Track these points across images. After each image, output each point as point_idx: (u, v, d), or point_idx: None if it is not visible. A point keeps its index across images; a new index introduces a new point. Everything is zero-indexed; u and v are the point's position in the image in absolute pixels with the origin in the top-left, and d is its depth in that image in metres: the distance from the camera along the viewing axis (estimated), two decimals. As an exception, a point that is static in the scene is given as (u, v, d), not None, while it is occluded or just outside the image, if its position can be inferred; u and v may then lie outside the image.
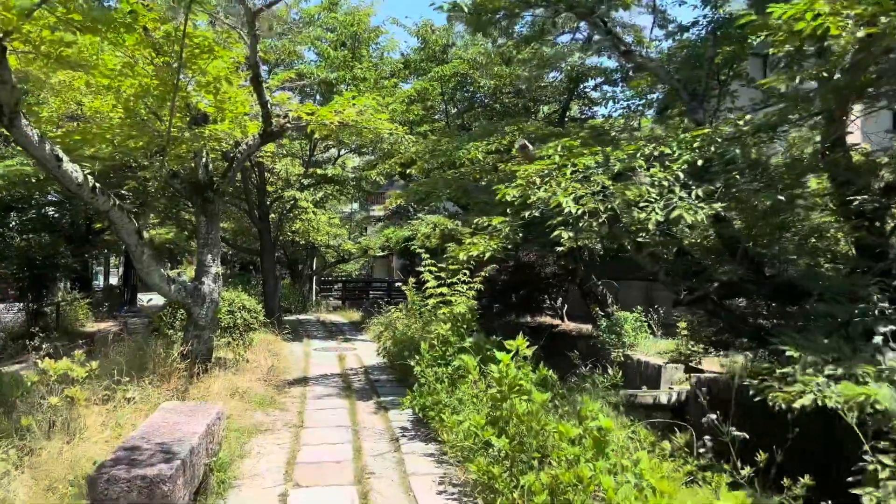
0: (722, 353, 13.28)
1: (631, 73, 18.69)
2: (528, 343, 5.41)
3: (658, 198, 6.18)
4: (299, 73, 14.16)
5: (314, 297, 29.49)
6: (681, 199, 6.07)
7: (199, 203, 8.92)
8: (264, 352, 12.58)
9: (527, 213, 6.67)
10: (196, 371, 8.58)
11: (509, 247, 7.31)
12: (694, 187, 6.27)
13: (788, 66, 6.62)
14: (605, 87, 19.05)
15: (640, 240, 6.34)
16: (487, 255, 7.18)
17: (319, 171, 15.13)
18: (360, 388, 10.08)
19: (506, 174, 9.90)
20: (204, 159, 8.95)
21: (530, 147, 7.76)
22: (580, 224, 5.97)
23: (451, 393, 6.73)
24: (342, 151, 18.36)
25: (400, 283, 33.49)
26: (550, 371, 5.76)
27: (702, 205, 5.91)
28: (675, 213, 5.83)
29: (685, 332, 15.56)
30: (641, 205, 6.13)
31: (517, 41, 12.80)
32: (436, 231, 17.56)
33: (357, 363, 12.79)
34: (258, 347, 12.82)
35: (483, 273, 13.00)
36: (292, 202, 18.49)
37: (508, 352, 5.26)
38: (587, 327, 22.51)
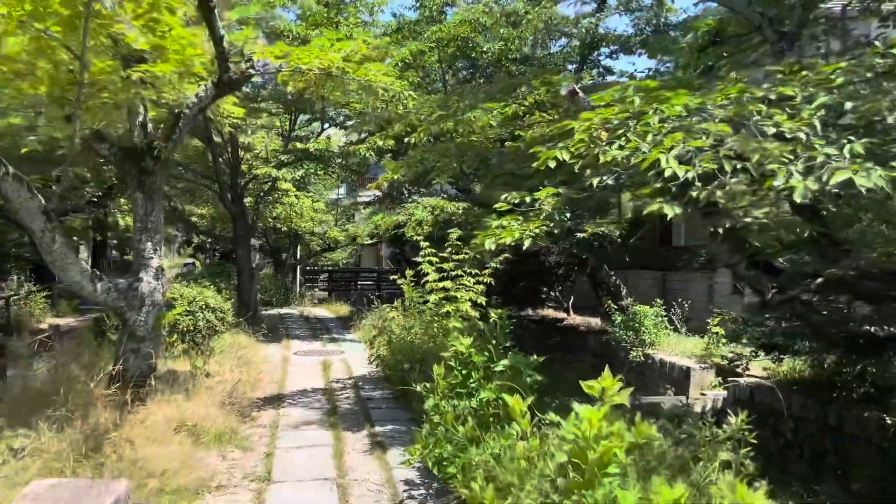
0: (776, 356, 11.31)
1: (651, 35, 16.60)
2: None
3: (791, 158, 4.07)
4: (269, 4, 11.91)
5: (298, 289, 27.30)
6: (828, 156, 3.97)
7: (135, 175, 6.73)
8: (232, 360, 10.42)
9: (595, 181, 4.54)
10: (130, 398, 6.45)
11: (555, 231, 5.19)
12: (845, 141, 4.16)
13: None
14: (622, 56, 16.95)
15: (753, 219, 4.22)
16: (527, 243, 5.06)
17: (300, 146, 12.94)
18: (348, 411, 7.95)
19: (535, 140, 7.77)
20: (141, 117, 6.75)
21: (581, 94, 5.63)
22: (693, 192, 3.85)
23: (481, 441, 4.63)
24: (326, 126, 16.15)
25: (392, 274, 31.38)
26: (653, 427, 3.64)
27: (874, 166, 3.81)
28: (836, 178, 3.72)
29: (718, 330, 13.61)
30: (769, 166, 4.03)
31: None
32: (434, 215, 15.43)
33: (345, 372, 10.67)
34: (226, 354, 10.66)
35: (493, 264, 10.91)
36: (270, 182, 16.26)
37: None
38: (595, 321, 20.50)
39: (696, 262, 17.71)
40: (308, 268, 30.85)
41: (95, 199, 24.73)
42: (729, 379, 12.19)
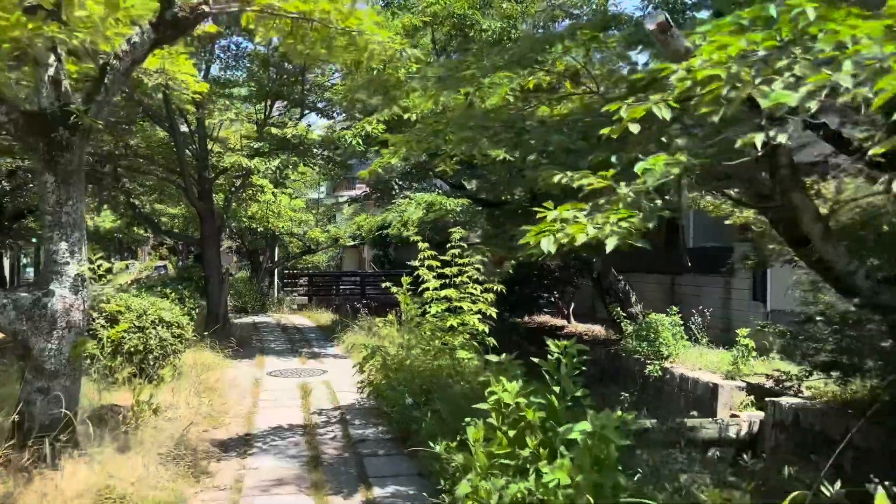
0: (841, 378, 9.70)
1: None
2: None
3: None
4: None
5: (276, 294, 25.36)
6: None
7: (44, 150, 4.89)
8: (192, 385, 8.56)
9: (758, 138, 2.79)
10: (32, 459, 4.62)
11: (649, 224, 3.45)
12: None
13: None
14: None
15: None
16: (611, 243, 3.31)
17: (275, 131, 11.11)
18: (335, 461, 6.12)
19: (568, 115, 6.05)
20: (51, 70, 4.91)
21: (675, 28, 3.90)
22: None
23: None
24: (306, 112, 14.29)
25: (376, 278, 29.50)
26: None
27: None
28: None
29: (747, 342, 12.02)
30: None
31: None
32: (430, 212, 13.67)
33: (328, 399, 8.83)
34: (184, 379, 8.81)
35: (505, 270, 9.20)
36: (242, 176, 14.38)
37: None
38: (597, 329, 18.87)
39: (709, 265, 16.26)
40: (287, 271, 28.93)
41: None
42: (767, 400, 10.58)
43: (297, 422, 7.52)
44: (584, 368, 4.14)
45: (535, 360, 4.07)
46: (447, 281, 8.98)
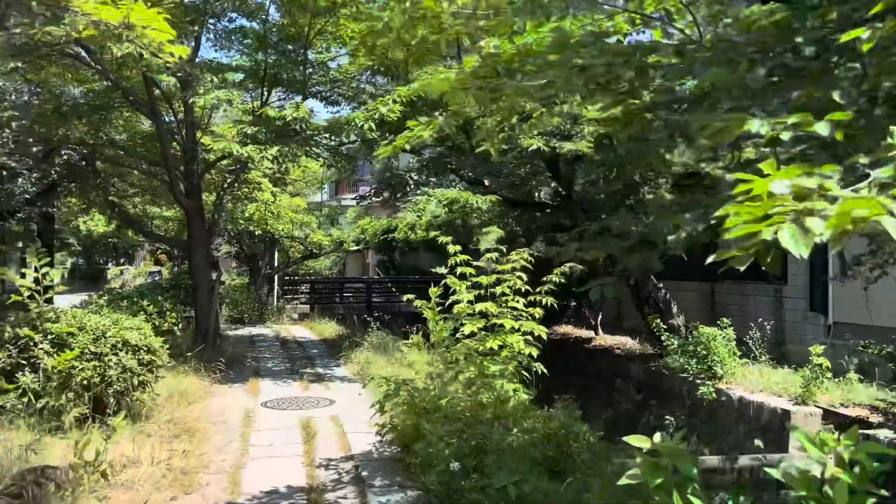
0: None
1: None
2: None
3: None
4: None
5: (276, 302, 23.49)
6: None
7: None
8: (164, 426, 6.73)
9: None
10: None
11: None
12: None
13: None
14: None
15: None
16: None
17: (273, 113, 9.26)
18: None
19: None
20: None
21: None
22: None
23: None
24: (308, 98, 12.43)
25: (380, 284, 27.57)
26: None
27: None
28: None
29: (822, 361, 10.19)
30: None
31: None
32: (450, 210, 11.84)
33: (339, 444, 6.95)
34: (157, 415, 6.97)
35: (555, 275, 7.41)
36: (236, 169, 12.55)
37: None
38: (627, 341, 17.02)
39: (752, 270, 14.39)
40: (287, 277, 27.08)
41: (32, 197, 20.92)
42: (853, 427, 8.65)
43: (298, 481, 5.65)
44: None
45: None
46: (482, 292, 7.18)
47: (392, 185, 13.63)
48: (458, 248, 7.55)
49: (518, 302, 7.14)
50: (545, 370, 6.76)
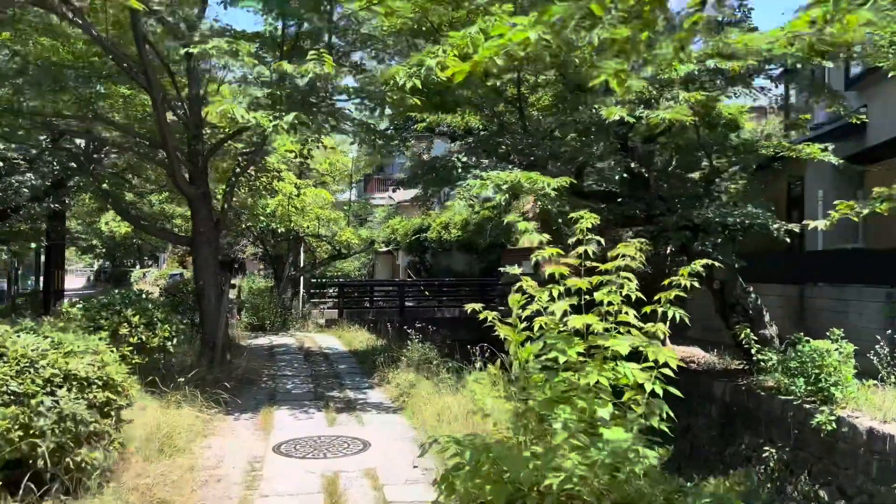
0: None
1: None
2: None
3: None
4: None
5: (301, 307, 21.39)
6: None
7: None
8: (129, 494, 4.55)
9: None
10: None
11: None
12: None
13: None
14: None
15: None
16: None
17: (289, 68, 7.02)
18: None
19: None
20: None
21: None
22: None
23: None
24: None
25: (412, 287, 25.25)
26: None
27: None
28: None
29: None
30: None
31: None
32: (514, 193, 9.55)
33: (378, 524, 4.71)
34: (124, 473, 4.79)
35: (684, 277, 5.04)
36: (250, 151, 10.42)
37: None
38: (696, 352, 14.59)
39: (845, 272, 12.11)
40: (314, 280, 25.01)
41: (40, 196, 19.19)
42: None
43: None
44: None
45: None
46: (577, 301, 4.88)
47: (435, 168, 11.36)
48: (545, 237, 5.24)
49: (629, 315, 4.83)
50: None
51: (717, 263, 4.67)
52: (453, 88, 10.82)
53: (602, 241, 5.31)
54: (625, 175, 10.17)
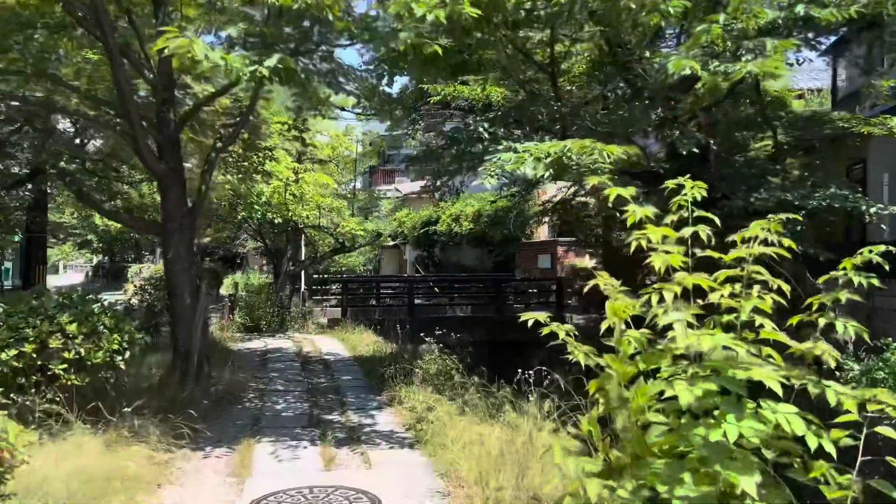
0: None
1: None
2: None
3: None
4: None
5: (301, 304, 19.52)
6: None
7: None
8: None
9: None
10: None
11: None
12: None
13: None
14: None
15: None
16: None
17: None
18: None
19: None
20: None
21: None
22: None
23: None
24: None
25: (421, 283, 23.28)
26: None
27: None
28: None
29: None
30: None
31: None
32: (563, 168, 7.67)
33: None
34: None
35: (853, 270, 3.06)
36: (233, 123, 8.59)
37: None
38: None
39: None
40: (316, 276, 23.13)
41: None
42: None
43: None
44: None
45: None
46: (700, 307, 3.04)
47: (456, 140, 9.46)
48: (651, 210, 3.34)
49: (773, 330, 2.96)
50: None
51: (786, 254, 2.91)
52: (476, 46, 8.94)
53: (716, 219, 3.43)
54: (687, 150, 8.25)
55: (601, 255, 18.48)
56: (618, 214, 6.63)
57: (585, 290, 3.66)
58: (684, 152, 7.94)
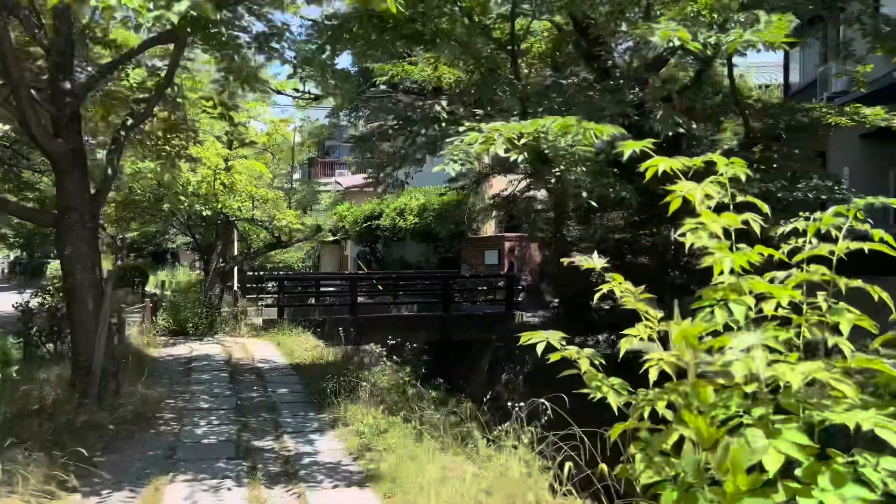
0: None
1: None
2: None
3: None
4: None
5: (235, 304, 18.04)
6: None
7: None
8: None
9: None
10: None
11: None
12: None
13: None
14: None
15: None
16: None
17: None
18: None
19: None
20: None
21: None
22: None
23: None
24: None
25: (373, 281, 22.02)
26: None
27: None
28: None
29: None
30: None
31: None
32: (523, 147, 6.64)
33: None
34: None
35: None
36: (149, 100, 7.26)
37: None
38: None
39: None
40: (251, 273, 21.60)
41: None
42: None
43: None
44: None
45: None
46: (771, 322, 2.08)
47: (410, 120, 8.35)
48: (713, 187, 2.30)
49: (846, 350, 2.00)
50: None
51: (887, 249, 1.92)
52: (429, 15, 7.87)
53: (765, 206, 2.45)
54: (672, 132, 7.39)
55: (553, 249, 17.69)
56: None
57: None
58: (669, 133, 7.06)
